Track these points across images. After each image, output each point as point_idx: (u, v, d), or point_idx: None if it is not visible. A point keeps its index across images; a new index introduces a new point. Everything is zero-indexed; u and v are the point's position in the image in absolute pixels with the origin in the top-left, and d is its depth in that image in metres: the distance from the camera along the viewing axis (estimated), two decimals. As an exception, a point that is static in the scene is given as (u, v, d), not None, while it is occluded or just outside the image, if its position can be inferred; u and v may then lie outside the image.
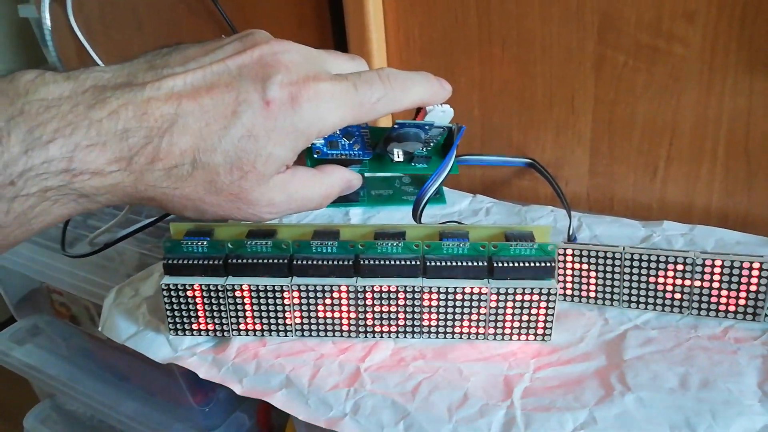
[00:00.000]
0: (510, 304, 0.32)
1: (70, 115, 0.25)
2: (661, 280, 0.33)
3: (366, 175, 0.37)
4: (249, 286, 0.32)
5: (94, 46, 0.69)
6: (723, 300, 0.33)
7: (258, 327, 0.33)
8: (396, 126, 0.35)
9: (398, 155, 0.36)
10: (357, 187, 0.35)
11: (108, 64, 0.29)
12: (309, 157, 0.34)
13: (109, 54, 0.69)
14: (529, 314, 0.32)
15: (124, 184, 0.26)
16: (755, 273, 0.32)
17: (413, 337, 0.33)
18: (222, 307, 0.33)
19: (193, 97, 0.27)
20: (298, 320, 0.33)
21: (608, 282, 0.34)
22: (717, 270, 0.32)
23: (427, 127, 0.35)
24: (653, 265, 0.33)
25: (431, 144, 0.37)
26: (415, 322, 0.32)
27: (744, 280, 0.32)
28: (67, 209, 0.26)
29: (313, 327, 0.33)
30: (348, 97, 0.29)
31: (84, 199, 0.26)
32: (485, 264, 0.32)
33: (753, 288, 0.32)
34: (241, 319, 0.33)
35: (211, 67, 0.28)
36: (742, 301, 0.32)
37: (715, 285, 0.32)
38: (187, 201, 0.28)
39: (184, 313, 0.33)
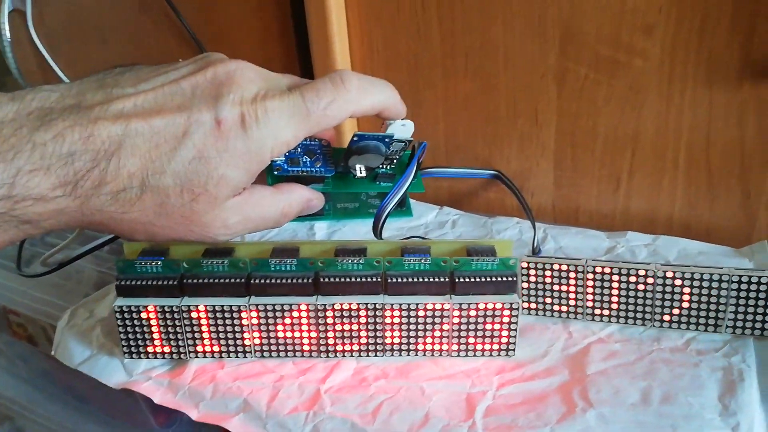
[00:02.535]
0: (473, 319, 0.31)
1: (13, 138, 0.24)
2: (624, 292, 0.33)
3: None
4: (206, 306, 0.31)
5: (56, 58, 0.68)
6: (685, 312, 0.33)
7: (216, 348, 0.32)
8: (355, 138, 0.34)
9: (360, 170, 0.35)
10: (318, 208, 0.34)
11: (60, 82, 0.29)
12: (270, 175, 0.33)
13: (71, 67, 0.68)
14: (492, 329, 0.31)
15: (69, 209, 0.26)
16: (716, 285, 0.32)
17: (375, 356, 0.32)
18: (178, 329, 0.32)
19: (143, 118, 0.26)
20: (257, 341, 0.32)
21: (572, 295, 0.34)
22: (678, 282, 0.32)
23: (387, 140, 0.35)
24: (616, 277, 0.33)
25: (394, 161, 0.37)
26: (378, 340, 0.32)
27: (705, 291, 0.32)
28: (8, 236, 0.25)
29: (273, 347, 0.32)
30: (296, 110, 0.28)
31: (27, 225, 0.25)
32: (447, 279, 0.31)
33: (714, 299, 0.32)
34: (198, 341, 0.32)
35: (163, 89, 0.27)
36: (703, 313, 0.32)
37: (677, 297, 0.32)
38: (136, 225, 0.27)
39: (138, 335, 0.32)
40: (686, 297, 0.32)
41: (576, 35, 0.41)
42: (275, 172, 0.33)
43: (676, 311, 0.33)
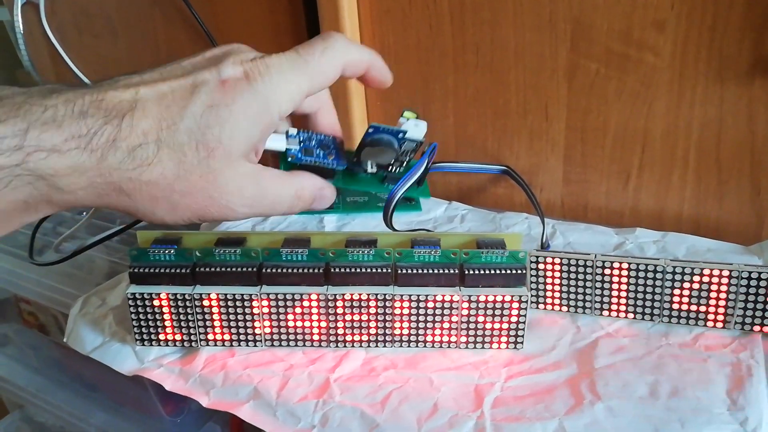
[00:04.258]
0: (481, 311, 0.31)
1: (25, 104, 0.25)
2: (632, 287, 0.33)
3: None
4: (217, 294, 0.32)
5: (68, 50, 0.68)
6: (693, 308, 0.33)
7: (226, 337, 0.33)
8: (370, 130, 0.35)
9: (371, 166, 0.36)
10: (330, 200, 0.34)
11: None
12: (283, 162, 0.33)
13: (83, 59, 0.68)
14: (501, 322, 0.32)
15: (86, 167, 0.25)
16: (725, 281, 0.32)
17: (384, 347, 0.33)
18: (190, 317, 0.32)
19: (150, 86, 0.27)
20: (267, 330, 0.32)
21: (580, 290, 0.34)
22: (687, 278, 0.32)
23: (400, 136, 0.35)
24: (625, 272, 0.33)
25: (404, 163, 0.37)
26: (387, 331, 0.32)
27: (714, 287, 0.32)
28: (22, 194, 0.25)
29: (283, 336, 0.32)
30: (295, 62, 0.30)
31: (42, 182, 0.25)
32: (456, 272, 0.31)
33: (723, 296, 0.32)
34: (209, 329, 0.32)
35: (165, 67, 0.29)
36: (712, 309, 0.32)
37: (686, 293, 0.32)
38: (156, 191, 0.27)
39: (150, 323, 0.32)
40: (695, 293, 0.32)
41: (587, 30, 0.41)
42: (289, 159, 0.33)
43: (684, 307, 0.33)
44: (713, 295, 0.32)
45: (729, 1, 0.37)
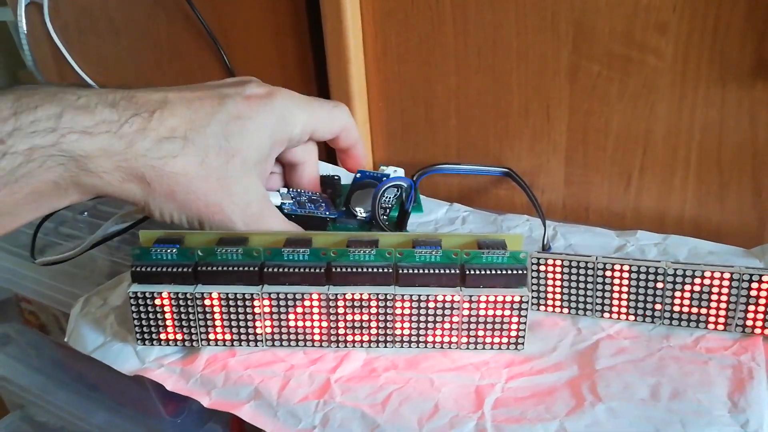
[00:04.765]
0: (482, 312, 0.31)
1: (59, 93, 0.26)
2: (633, 289, 0.33)
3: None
4: (219, 294, 0.32)
5: (71, 51, 0.68)
6: (695, 310, 0.33)
7: (228, 337, 0.33)
8: (358, 175, 0.44)
9: (361, 212, 0.41)
10: None
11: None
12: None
13: (85, 60, 0.69)
14: (502, 322, 0.32)
15: (114, 150, 0.27)
16: (726, 283, 0.32)
17: (385, 347, 0.33)
18: (191, 316, 0.32)
19: (178, 92, 0.30)
20: (268, 329, 0.32)
21: (581, 291, 0.34)
22: (688, 280, 0.32)
23: (384, 179, 0.42)
24: (626, 275, 0.33)
25: (388, 210, 0.43)
26: (388, 331, 0.32)
27: (715, 290, 0.32)
28: (54, 174, 0.26)
29: (284, 336, 0.32)
30: (309, 102, 0.35)
31: (73, 164, 0.26)
32: (458, 272, 0.31)
33: (724, 298, 0.32)
34: (210, 329, 0.32)
35: (190, 85, 0.32)
36: (713, 311, 0.32)
37: (687, 295, 0.32)
38: (176, 185, 0.29)
39: (152, 321, 0.32)
40: (696, 295, 0.32)
41: (589, 32, 0.41)
42: (285, 211, 0.37)
43: (685, 309, 0.33)
44: (714, 297, 0.32)
45: (731, 4, 0.37)
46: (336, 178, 0.47)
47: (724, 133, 0.40)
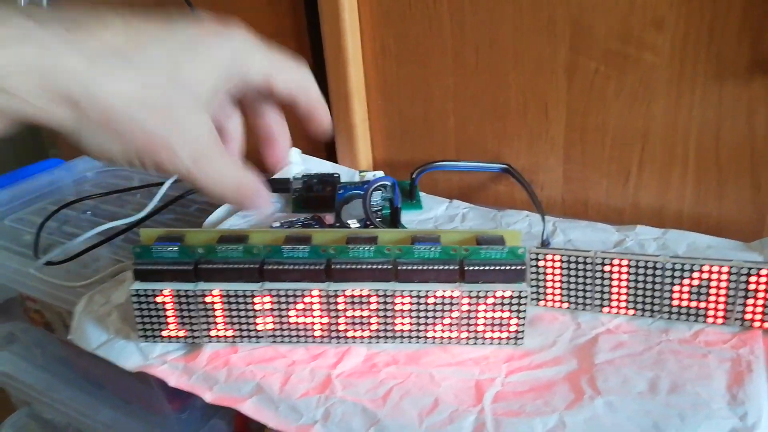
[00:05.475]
0: (482, 307, 0.32)
1: None
2: (632, 284, 0.33)
3: None
4: (220, 290, 0.32)
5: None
6: (694, 304, 0.33)
7: (229, 333, 0.33)
8: (340, 191, 0.44)
9: (353, 223, 0.42)
10: (262, 208, 0.31)
11: None
12: None
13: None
14: (501, 317, 0.32)
15: (34, 65, 0.22)
16: (725, 277, 0.32)
17: (386, 342, 0.33)
18: (193, 313, 0.32)
19: (119, 14, 0.26)
20: (270, 326, 0.33)
21: (581, 286, 0.34)
22: (687, 274, 0.32)
23: (365, 186, 0.42)
24: (625, 269, 0.33)
25: (379, 214, 0.43)
26: (388, 327, 0.32)
27: (714, 284, 0.32)
28: None
29: (285, 333, 0.33)
30: (269, 48, 0.31)
31: None
32: (457, 267, 0.32)
33: (723, 292, 0.32)
34: (211, 325, 0.33)
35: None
36: (712, 305, 0.33)
37: (686, 289, 0.33)
38: (112, 109, 0.24)
39: (154, 319, 0.33)
40: (695, 289, 0.32)
41: (586, 30, 0.41)
42: None
43: (684, 303, 0.33)
44: (713, 291, 0.32)
45: (727, 1, 0.37)
46: (336, 176, 0.48)
47: (721, 129, 0.40)
